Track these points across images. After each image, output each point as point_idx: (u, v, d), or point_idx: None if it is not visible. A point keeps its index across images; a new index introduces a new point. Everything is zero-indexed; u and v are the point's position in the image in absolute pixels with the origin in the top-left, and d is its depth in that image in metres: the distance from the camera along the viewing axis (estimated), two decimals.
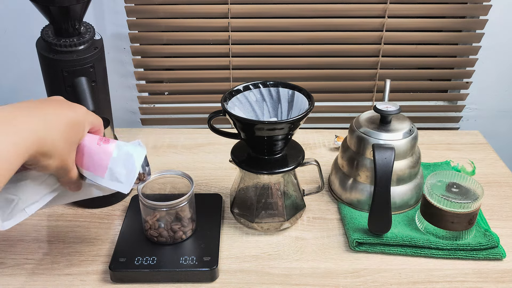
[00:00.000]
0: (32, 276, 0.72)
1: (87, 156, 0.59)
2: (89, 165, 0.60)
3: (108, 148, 0.60)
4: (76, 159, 0.59)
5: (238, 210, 0.81)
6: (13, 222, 0.59)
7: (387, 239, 0.75)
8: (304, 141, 1.05)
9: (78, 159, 0.59)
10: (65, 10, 0.70)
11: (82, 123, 0.58)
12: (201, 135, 1.08)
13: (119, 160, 0.60)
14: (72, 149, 0.57)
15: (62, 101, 0.59)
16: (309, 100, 0.74)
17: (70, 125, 0.55)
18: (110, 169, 0.60)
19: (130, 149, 0.62)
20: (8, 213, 0.58)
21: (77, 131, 0.57)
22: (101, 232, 0.80)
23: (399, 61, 1.32)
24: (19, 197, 0.58)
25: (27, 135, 0.50)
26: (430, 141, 1.07)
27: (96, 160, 0.59)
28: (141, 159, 0.62)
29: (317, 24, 1.27)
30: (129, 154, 0.61)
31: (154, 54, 1.31)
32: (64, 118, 0.55)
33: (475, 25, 1.28)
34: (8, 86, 1.37)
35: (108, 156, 0.60)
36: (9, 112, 0.50)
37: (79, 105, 0.59)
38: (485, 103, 1.42)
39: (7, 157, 0.47)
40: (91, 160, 0.59)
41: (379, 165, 0.74)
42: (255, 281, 0.71)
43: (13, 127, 0.49)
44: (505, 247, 0.76)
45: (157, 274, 0.70)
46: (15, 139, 0.48)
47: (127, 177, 0.61)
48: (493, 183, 0.93)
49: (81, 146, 0.59)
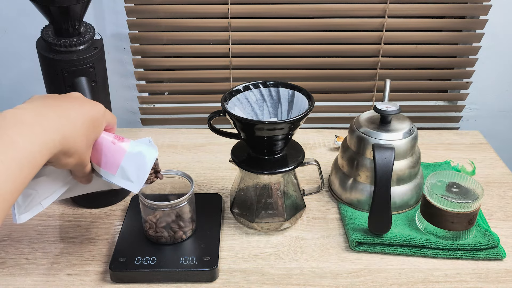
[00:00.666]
0: (32, 276, 0.72)
1: (101, 153, 0.60)
2: (102, 161, 0.61)
3: (122, 147, 0.61)
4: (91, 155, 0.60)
5: (238, 210, 0.81)
6: (30, 215, 0.60)
7: (387, 239, 0.75)
8: (304, 141, 1.05)
9: (92, 155, 0.60)
10: (65, 10, 0.70)
11: (101, 120, 0.59)
12: (201, 135, 1.08)
13: (132, 159, 0.61)
14: (90, 145, 0.58)
15: (82, 98, 0.59)
16: (309, 100, 0.74)
17: (90, 123, 0.56)
18: (122, 168, 0.61)
19: (143, 150, 0.62)
20: (25, 207, 0.59)
21: (96, 129, 0.58)
22: (101, 232, 0.80)
23: (399, 61, 1.32)
24: (37, 191, 0.60)
25: (54, 135, 0.50)
26: (430, 141, 1.07)
27: (109, 157, 0.60)
28: (153, 160, 0.63)
29: (317, 24, 1.27)
30: (142, 154, 0.62)
31: (154, 54, 1.31)
32: (85, 116, 0.56)
33: (475, 25, 1.28)
34: (8, 86, 1.37)
35: (122, 155, 0.61)
36: (36, 113, 0.50)
37: (98, 102, 0.60)
38: (485, 103, 1.42)
39: (36, 157, 0.48)
40: (105, 157, 0.60)
41: (379, 165, 0.74)
42: (255, 281, 0.71)
43: (41, 127, 0.49)
44: (505, 247, 0.76)
45: (157, 274, 0.70)
46: (43, 139, 0.49)
47: (138, 177, 0.62)
48: (493, 183, 0.93)
49: (97, 143, 0.60)
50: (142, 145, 0.63)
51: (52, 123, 0.51)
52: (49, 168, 0.60)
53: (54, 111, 0.53)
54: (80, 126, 0.55)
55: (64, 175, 0.62)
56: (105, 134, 0.61)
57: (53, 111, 0.53)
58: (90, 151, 0.59)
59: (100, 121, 0.59)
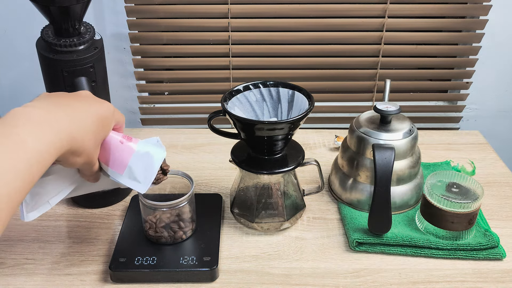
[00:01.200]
0: (32, 276, 0.72)
1: (109, 152, 0.60)
2: (110, 161, 0.60)
3: (131, 146, 0.61)
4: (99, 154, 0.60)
5: (238, 210, 0.81)
6: (37, 214, 0.60)
7: (387, 239, 0.75)
8: (304, 141, 1.05)
9: (100, 154, 0.60)
10: (65, 10, 0.70)
11: (110, 119, 0.59)
12: (201, 135, 1.08)
13: (140, 159, 0.61)
14: (98, 145, 0.58)
15: (91, 97, 0.59)
16: (309, 100, 0.74)
17: (99, 122, 0.56)
18: (129, 167, 0.60)
19: (151, 150, 0.62)
20: (33, 205, 0.59)
21: (105, 127, 0.58)
22: (101, 232, 0.80)
23: (399, 61, 1.32)
24: (45, 189, 0.60)
25: (62, 135, 0.50)
26: (430, 141, 1.07)
27: (117, 157, 0.60)
28: (160, 160, 0.63)
29: (317, 24, 1.27)
30: (150, 154, 0.62)
31: (154, 54, 1.31)
32: (94, 115, 0.56)
33: (475, 25, 1.28)
34: (8, 86, 1.38)
35: (130, 154, 0.60)
36: (46, 111, 0.50)
37: (106, 101, 0.60)
38: (485, 103, 1.42)
39: (44, 156, 0.47)
40: (113, 156, 0.60)
41: (379, 165, 0.74)
42: (255, 281, 0.71)
43: (49, 126, 0.49)
44: (505, 247, 0.76)
45: (157, 274, 0.70)
46: (52, 138, 0.49)
47: (145, 177, 0.62)
48: (493, 183, 0.93)
49: (105, 142, 0.60)
50: (150, 145, 0.63)
51: (61, 122, 0.51)
52: (57, 167, 0.59)
53: (64, 110, 0.53)
54: (89, 125, 0.54)
55: (72, 173, 0.62)
56: (113, 133, 0.60)
57: (63, 110, 0.52)
58: (98, 150, 0.58)
59: (109, 120, 0.58)
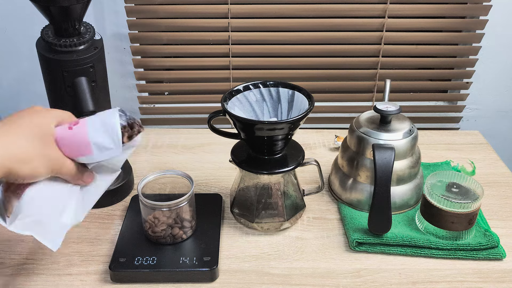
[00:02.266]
0: (32, 276, 0.72)
1: (68, 144, 0.60)
2: (75, 151, 0.60)
3: (81, 127, 0.60)
4: (64, 152, 0.60)
5: (238, 210, 0.81)
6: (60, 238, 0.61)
7: (387, 239, 0.75)
8: (304, 141, 1.05)
9: (65, 152, 0.60)
10: (65, 10, 0.70)
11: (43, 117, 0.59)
12: (201, 135, 1.08)
13: (96, 131, 0.60)
14: (45, 144, 0.58)
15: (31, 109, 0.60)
16: (309, 100, 0.74)
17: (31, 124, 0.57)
18: (94, 144, 0.60)
19: (101, 116, 0.61)
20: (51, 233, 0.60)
21: (41, 126, 0.58)
22: (101, 232, 0.80)
23: (399, 61, 1.32)
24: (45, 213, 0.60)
25: None
26: (430, 141, 1.07)
27: (76, 142, 0.60)
28: (114, 118, 0.61)
29: (317, 24, 1.27)
30: (103, 120, 0.61)
31: (154, 54, 1.31)
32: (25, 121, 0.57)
33: (475, 25, 1.28)
34: (8, 86, 1.38)
35: (85, 133, 0.60)
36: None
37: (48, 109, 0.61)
38: (485, 103, 1.42)
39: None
40: (73, 145, 0.60)
41: (379, 165, 0.74)
42: (255, 281, 0.71)
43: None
44: (505, 247, 0.76)
45: (157, 274, 0.70)
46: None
47: (113, 140, 0.60)
48: (493, 183, 0.93)
49: (58, 139, 0.59)
50: (100, 113, 0.62)
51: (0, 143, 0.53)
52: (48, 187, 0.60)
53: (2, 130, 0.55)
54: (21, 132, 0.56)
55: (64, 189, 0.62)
56: (60, 128, 0.60)
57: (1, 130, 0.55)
58: (51, 149, 0.58)
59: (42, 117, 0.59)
